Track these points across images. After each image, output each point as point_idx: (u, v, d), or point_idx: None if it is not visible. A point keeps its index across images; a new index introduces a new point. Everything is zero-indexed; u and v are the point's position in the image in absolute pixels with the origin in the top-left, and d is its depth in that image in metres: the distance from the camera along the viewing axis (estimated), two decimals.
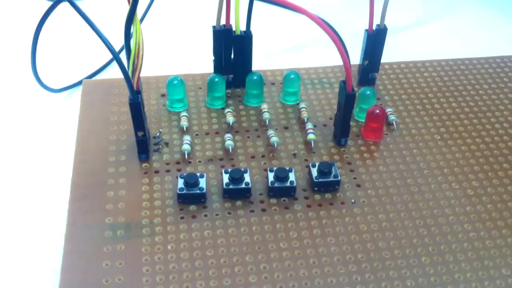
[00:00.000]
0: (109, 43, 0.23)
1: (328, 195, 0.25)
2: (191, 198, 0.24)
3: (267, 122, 0.29)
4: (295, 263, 0.22)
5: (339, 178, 0.25)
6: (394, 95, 0.31)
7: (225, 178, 0.25)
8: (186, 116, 0.29)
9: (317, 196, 0.25)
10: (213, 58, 0.30)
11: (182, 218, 0.24)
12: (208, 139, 0.28)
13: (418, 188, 0.26)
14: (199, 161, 0.27)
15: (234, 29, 0.29)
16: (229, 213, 0.24)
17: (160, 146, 0.27)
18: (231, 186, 0.25)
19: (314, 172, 0.25)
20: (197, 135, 0.28)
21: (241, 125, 0.29)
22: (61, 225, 0.25)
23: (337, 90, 0.31)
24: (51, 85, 0.32)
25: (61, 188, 0.27)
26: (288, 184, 0.25)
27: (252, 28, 0.29)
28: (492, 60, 0.34)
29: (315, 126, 0.29)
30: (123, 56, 0.24)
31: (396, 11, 0.41)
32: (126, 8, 0.23)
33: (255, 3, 0.29)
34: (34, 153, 0.29)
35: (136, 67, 0.24)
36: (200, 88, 0.31)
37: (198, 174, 0.25)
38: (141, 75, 0.25)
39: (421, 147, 0.28)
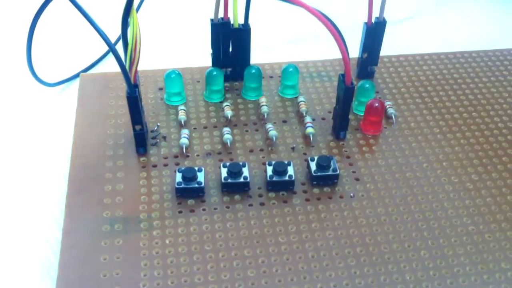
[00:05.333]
0: (106, 36, 0.22)
1: (326, 189, 0.25)
2: (189, 192, 0.24)
3: (265, 116, 0.29)
4: (294, 257, 0.22)
5: (338, 172, 0.25)
6: (393, 89, 0.31)
7: (224, 172, 0.25)
8: (184, 109, 0.29)
9: (316, 190, 0.25)
10: (211, 51, 0.30)
11: (180, 212, 0.24)
12: (206, 133, 0.28)
13: (417, 181, 0.26)
14: (197, 155, 0.27)
15: (232, 22, 0.28)
16: (228, 207, 0.24)
17: (158, 140, 0.27)
18: (229, 180, 0.24)
19: (313, 166, 0.25)
20: (195, 128, 0.28)
21: (239, 119, 0.29)
22: (58, 220, 0.25)
23: (335, 83, 0.30)
24: (46, 79, 0.32)
25: (58, 183, 0.27)
26: (286, 178, 0.25)
27: (250, 21, 0.29)
28: (491, 53, 0.34)
29: (313, 119, 0.29)
30: (119, 48, 0.24)
31: (395, 4, 0.41)
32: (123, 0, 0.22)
33: None
34: (31, 148, 0.29)
35: (133, 61, 0.24)
36: (198, 81, 0.31)
37: (196, 168, 0.25)
38: (138, 68, 0.24)
39: (420, 140, 0.28)
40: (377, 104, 0.27)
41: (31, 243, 0.24)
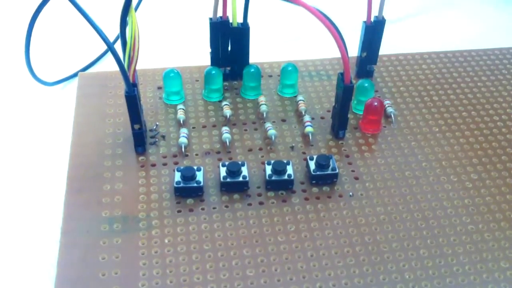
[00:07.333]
0: (104, 35, 0.22)
1: (326, 188, 0.25)
2: (188, 192, 0.24)
3: (264, 115, 0.29)
4: (293, 256, 0.22)
5: (337, 171, 0.25)
6: (392, 87, 0.31)
7: (223, 171, 0.25)
8: (183, 109, 0.28)
9: (315, 189, 0.25)
10: (210, 50, 0.30)
11: (179, 211, 0.24)
12: (205, 132, 0.28)
13: (416, 180, 0.26)
14: (196, 154, 0.27)
15: (231, 21, 0.28)
16: (227, 206, 0.24)
17: (157, 139, 0.27)
18: (228, 180, 0.24)
19: (312, 165, 0.25)
20: (194, 128, 0.28)
21: (238, 118, 0.29)
22: (57, 219, 0.25)
23: (335, 82, 0.30)
24: (45, 78, 0.32)
25: (57, 182, 0.27)
26: (285, 177, 0.25)
27: (249, 20, 0.29)
28: (490, 52, 0.34)
29: (313, 118, 0.29)
30: (118, 47, 0.24)
31: (395, 2, 0.41)
32: None
33: None
34: (29, 147, 0.29)
35: (132, 60, 0.24)
36: (197, 80, 0.31)
37: (195, 167, 0.25)
38: (137, 67, 0.24)
39: (420, 139, 0.28)
40: (376, 103, 0.27)
41: (29, 242, 0.24)
